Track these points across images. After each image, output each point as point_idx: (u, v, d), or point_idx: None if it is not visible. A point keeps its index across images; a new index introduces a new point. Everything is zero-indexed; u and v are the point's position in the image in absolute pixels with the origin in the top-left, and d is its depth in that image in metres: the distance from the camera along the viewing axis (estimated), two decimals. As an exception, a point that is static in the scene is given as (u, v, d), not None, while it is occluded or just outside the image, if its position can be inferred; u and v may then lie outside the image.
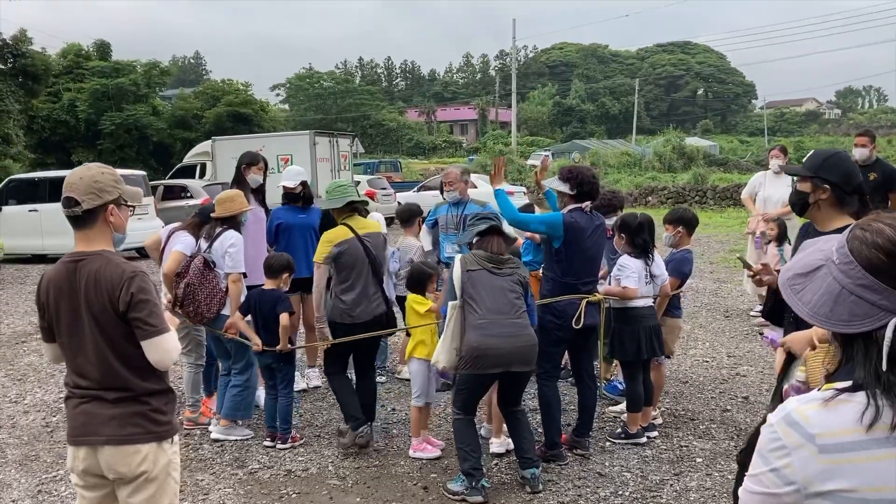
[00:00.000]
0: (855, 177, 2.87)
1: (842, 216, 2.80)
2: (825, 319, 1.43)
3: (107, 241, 2.78)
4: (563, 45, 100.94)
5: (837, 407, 1.35)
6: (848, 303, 1.40)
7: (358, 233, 4.95)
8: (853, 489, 1.33)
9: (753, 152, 50.56)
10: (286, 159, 19.62)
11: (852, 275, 1.40)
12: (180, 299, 5.24)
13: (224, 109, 32.97)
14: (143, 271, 2.77)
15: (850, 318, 1.40)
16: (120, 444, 2.69)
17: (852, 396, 1.35)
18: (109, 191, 2.73)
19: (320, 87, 72.55)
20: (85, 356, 2.74)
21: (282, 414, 5.24)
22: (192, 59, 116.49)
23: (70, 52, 33.57)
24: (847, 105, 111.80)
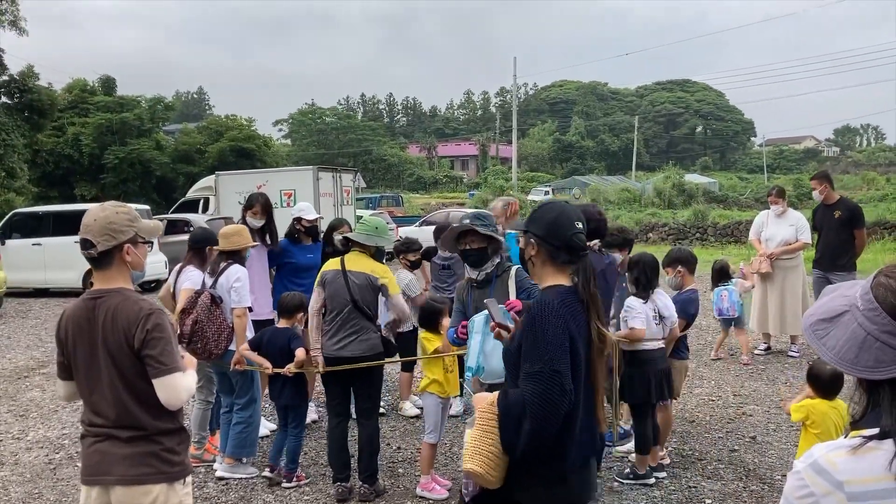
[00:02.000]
0: (563, 229, 2.52)
1: (555, 272, 2.53)
2: (851, 366, 1.43)
3: (125, 278, 2.82)
4: (562, 83, 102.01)
5: (865, 454, 1.35)
6: (874, 349, 1.40)
7: (345, 267, 4.85)
8: None
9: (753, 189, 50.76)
10: (289, 194, 19.74)
11: (878, 321, 1.40)
12: (188, 336, 5.22)
13: (227, 144, 33.24)
14: (161, 309, 2.78)
15: (875, 364, 1.39)
16: (131, 484, 2.68)
17: (880, 444, 1.35)
18: (124, 230, 2.76)
19: (322, 123, 73.11)
20: (101, 394, 2.75)
21: (290, 453, 5.19)
22: (195, 94, 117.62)
23: (76, 87, 33.95)
24: (845, 143, 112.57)
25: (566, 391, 2.30)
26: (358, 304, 4.79)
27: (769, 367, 8.23)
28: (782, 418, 6.36)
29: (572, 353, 2.35)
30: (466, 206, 41.35)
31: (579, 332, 2.41)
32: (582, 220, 2.57)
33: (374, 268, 4.88)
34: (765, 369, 8.09)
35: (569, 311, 2.40)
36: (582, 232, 2.53)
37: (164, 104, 35.00)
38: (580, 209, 4.87)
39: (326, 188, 19.80)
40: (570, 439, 2.41)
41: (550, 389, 2.29)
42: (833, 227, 8.16)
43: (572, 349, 2.35)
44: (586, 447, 2.48)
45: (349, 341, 4.81)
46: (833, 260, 8.14)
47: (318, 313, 4.90)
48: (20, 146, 24.71)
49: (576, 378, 2.37)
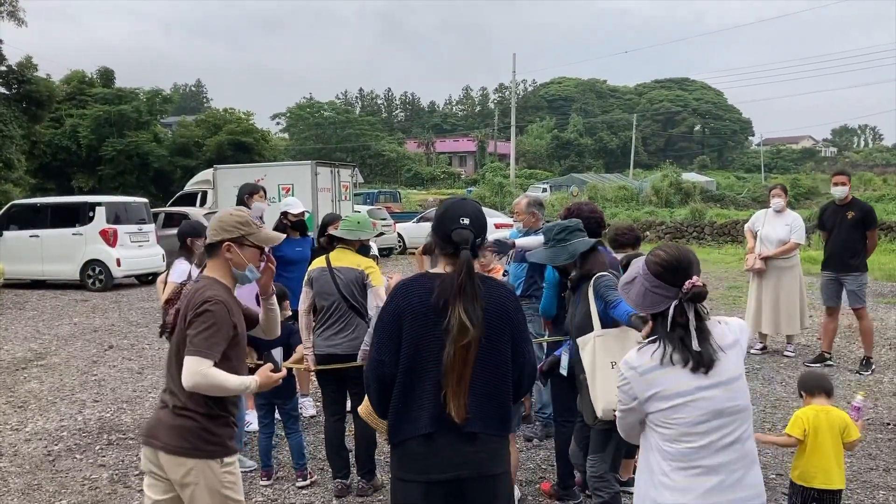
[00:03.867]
0: (447, 223, 2.66)
1: (445, 262, 2.66)
2: (640, 307, 2.54)
3: (224, 272, 3.08)
4: (561, 80, 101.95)
5: (645, 351, 2.47)
6: (650, 296, 2.48)
7: (331, 264, 4.86)
8: (660, 391, 2.41)
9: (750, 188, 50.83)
10: (287, 189, 19.71)
11: (649, 280, 2.48)
12: (170, 326, 5.22)
13: (225, 138, 33.18)
14: (224, 302, 2.94)
15: (651, 305, 2.49)
16: (170, 453, 2.90)
17: (652, 345, 2.47)
18: (230, 230, 3.05)
19: (320, 117, 73.07)
20: (168, 366, 3.06)
21: (296, 451, 5.18)
22: (193, 86, 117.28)
23: (74, 78, 33.88)
24: (843, 143, 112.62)
25: (375, 360, 2.63)
26: (347, 300, 4.80)
27: (765, 366, 8.27)
28: (777, 417, 6.41)
29: (399, 331, 2.60)
30: (464, 202, 41.30)
31: (413, 313, 2.59)
32: (472, 216, 2.67)
33: (360, 261, 4.90)
34: (760, 369, 8.13)
35: (404, 294, 2.63)
36: (466, 227, 2.63)
37: (162, 97, 34.94)
38: (576, 206, 4.89)
39: (324, 183, 19.79)
40: (396, 409, 2.63)
41: (370, 355, 2.70)
42: (845, 227, 7.99)
43: (399, 327, 2.59)
44: (420, 423, 2.58)
45: (340, 338, 4.82)
46: (845, 261, 7.99)
47: (307, 312, 4.91)
48: (18, 137, 24.67)
49: (402, 353, 2.59)
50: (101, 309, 13.16)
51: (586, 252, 4.10)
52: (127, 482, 5.25)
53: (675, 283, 2.42)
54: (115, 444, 6.07)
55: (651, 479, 2.49)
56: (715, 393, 2.39)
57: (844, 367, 8.22)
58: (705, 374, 2.38)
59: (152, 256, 16.28)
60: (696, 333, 2.39)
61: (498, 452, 2.68)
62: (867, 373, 7.86)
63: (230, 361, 2.97)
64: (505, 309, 2.70)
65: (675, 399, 2.39)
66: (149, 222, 16.55)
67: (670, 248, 2.51)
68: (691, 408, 2.38)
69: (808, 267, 15.80)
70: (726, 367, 2.42)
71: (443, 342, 2.54)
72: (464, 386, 2.55)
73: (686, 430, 2.38)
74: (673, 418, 2.39)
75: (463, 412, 2.54)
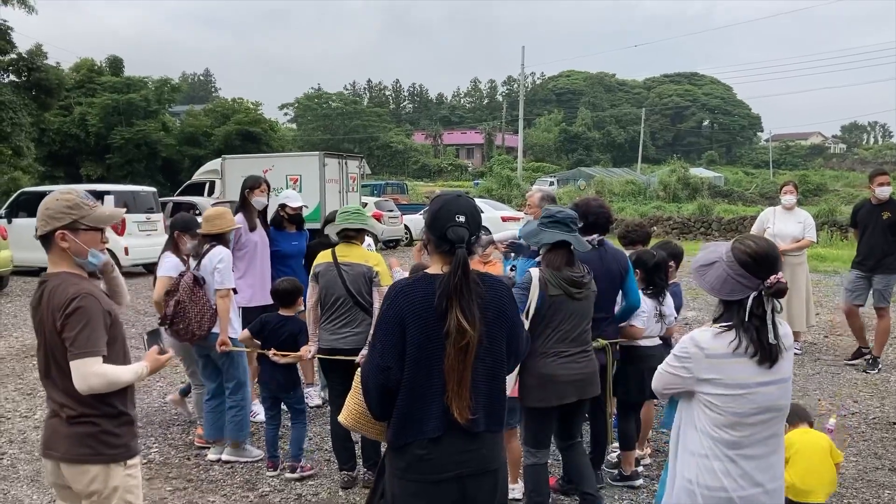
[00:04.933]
0: (442, 221, 2.62)
1: (439, 260, 2.65)
2: (717, 293, 2.56)
3: (68, 263, 2.85)
4: (570, 73, 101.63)
5: (720, 336, 2.53)
6: (730, 283, 2.52)
7: (337, 259, 4.86)
8: (721, 378, 2.49)
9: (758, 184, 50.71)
10: (295, 179, 19.73)
11: (733, 268, 2.51)
12: (170, 317, 5.23)
13: (233, 128, 33.25)
14: (91, 294, 2.78)
15: (730, 292, 2.53)
16: (71, 462, 2.81)
17: (728, 332, 2.52)
18: (59, 217, 2.80)
19: (328, 108, 73.10)
20: (47, 374, 2.87)
21: (295, 443, 5.20)
22: (201, 76, 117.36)
23: (83, 66, 33.95)
24: (852, 140, 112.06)
25: (379, 366, 2.57)
26: (353, 295, 4.79)
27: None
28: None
29: (402, 336, 2.54)
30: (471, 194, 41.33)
31: (416, 318, 2.55)
32: (468, 213, 2.63)
33: (368, 257, 4.89)
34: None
35: (406, 298, 2.57)
36: (461, 225, 2.60)
37: (170, 86, 35.00)
38: (584, 202, 4.89)
39: (332, 174, 19.81)
40: (401, 413, 2.59)
41: (369, 361, 2.64)
42: (880, 227, 7.92)
43: (403, 331, 2.54)
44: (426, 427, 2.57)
45: (345, 333, 4.82)
46: (878, 260, 7.92)
47: (315, 307, 4.90)
48: (27, 125, 24.72)
49: (405, 358, 2.55)
50: (109, 297, 13.20)
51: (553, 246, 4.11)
52: (135, 470, 5.28)
53: (759, 275, 2.48)
54: (123, 432, 6.11)
55: (695, 460, 2.57)
56: (771, 390, 2.51)
57: (851, 365, 8.20)
58: (769, 368, 2.48)
59: (160, 246, 16.18)
60: (772, 327, 2.48)
61: (497, 447, 2.72)
62: (874, 371, 7.84)
63: (113, 347, 2.84)
64: (503, 306, 2.71)
65: (735, 389, 2.48)
66: (157, 211, 16.59)
67: (759, 239, 2.56)
68: (747, 400, 2.48)
69: (814, 264, 15.79)
70: (785, 366, 2.55)
71: (445, 344, 2.54)
72: (465, 387, 2.55)
73: (737, 420, 2.49)
74: (728, 406, 2.49)
75: (466, 413, 2.55)
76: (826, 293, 13.11)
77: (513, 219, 23.34)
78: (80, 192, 2.90)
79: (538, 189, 5.86)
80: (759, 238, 2.58)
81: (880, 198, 8.06)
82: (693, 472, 2.58)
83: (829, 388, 7.33)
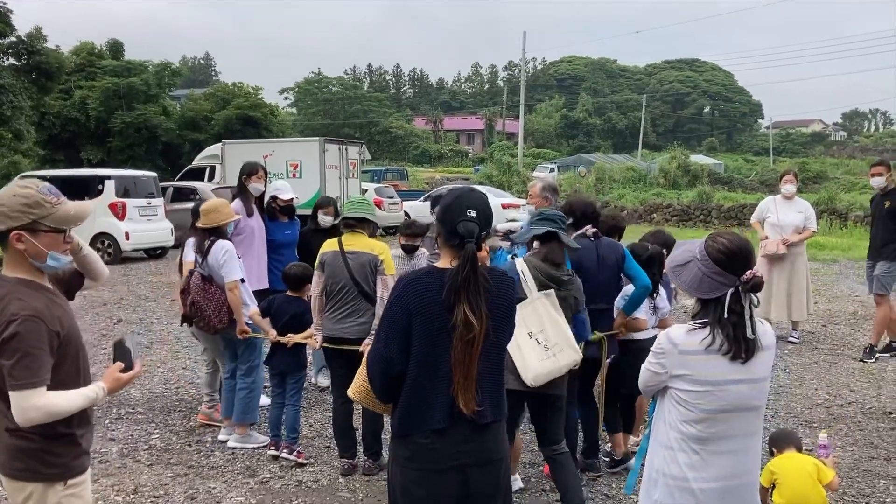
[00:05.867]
0: (453, 214, 2.63)
1: (449, 254, 2.67)
2: (695, 291, 2.56)
3: (23, 267, 2.57)
4: (571, 58, 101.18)
5: (693, 333, 2.53)
6: (706, 282, 2.51)
7: (343, 248, 4.88)
8: (691, 374, 2.50)
9: (758, 172, 50.65)
10: (295, 165, 19.73)
11: (708, 266, 2.50)
12: (189, 316, 5.42)
13: (234, 112, 33.10)
14: (34, 316, 2.48)
15: (707, 290, 2.52)
16: (8, 477, 2.63)
17: (702, 329, 2.52)
18: (15, 217, 2.49)
19: (328, 92, 72.82)
20: None
21: (290, 422, 5.27)
22: (202, 59, 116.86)
23: (83, 50, 33.76)
24: (853, 127, 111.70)
25: (382, 356, 2.62)
26: (358, 284, 4.82)
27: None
28: (780, 405, 6.46)
29: (409, 326, 2.57)
30: (471, 180, 41.34)
31: (423, 310, 2.57)
32: (479, 209, 2.65)
33: (373, 246, 4.92)
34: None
35: (414, 291, 2.59)
36: (472, 220, 2.61)
37: (171, 70, 34.85)
38: (569, 200, 4.91)
39: (332, 160, 19.80)
40: (407, 403, 2.63)
41: (374, 350, 2.69)
42: (882, 216, 8.10)
43: (409, 324, 2.57)
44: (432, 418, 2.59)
45: (349, 322, 4.86)
46: (878, 248, 8.06)
47: (320, 296, 4.94)
48: (27, 108, 24.64)
49: (411, 350, 2.58)
50: (110, 282, 13.23)
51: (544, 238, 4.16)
52: (136, 456, 5.34)
53: (735, 272, 2.48)
54: (124, 417, 6.16)
55: (662, 451, 2.62)
56: (742, 388, 2.50)
57: (848, 354, 8.25)
58: (743, 363, 2.48)
59: (161, 230, 16.36)
60: (749, 322, 2.49)
61: (501, 437, 2.76)
62: (871, 360, 7.89)
63: (63, 367, 2.58)
64: (510, 301, 2.77)
65: (705, 386, 2.49)
66: (158, 196, 16.61)
67: (730, 236, 2.56)
68: (716, 397, 2.49)
69: (813, 252, 15.81)
70: (759, 365, 2.54)
71: (451, 337, 2.57)
72: (471, 379, 2.59)
73: (705, 416, 2.50)
74: (697, 402, 2.50)
75: (472, 405, 2.58)
76: (824, 282, 13.14)
77: (513, 206, 23.31)
78: (41, 185, 2.56)
79: (540, 179, 5.89)
80: (732, 234, 2.57)
81: (876, 188, 8.19)
82: (660, 462, 2.62)
83: (826, 377, 7.37)
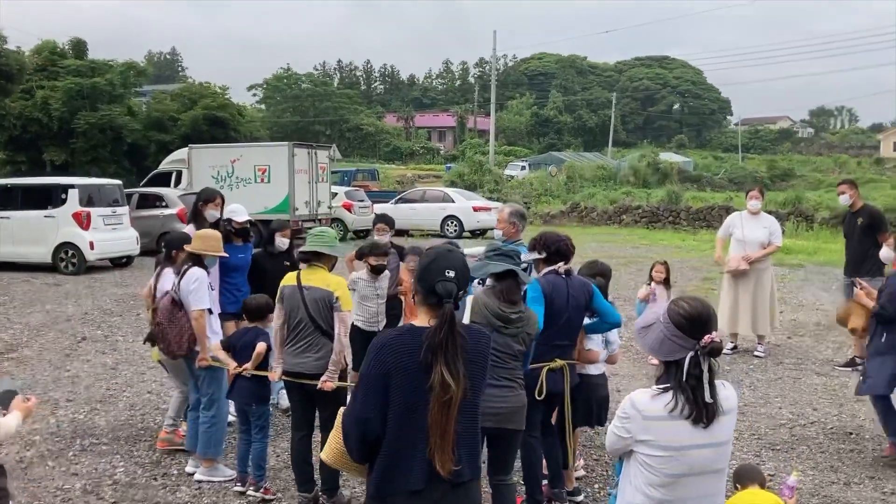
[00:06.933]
0: (432, 274, 2.66)
1: (426, 312, 2.69)
2: (657, 353, 2.65)
3: None
4: (542, 55, 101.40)
5: (657, 398, 2.57)
6: (667, 344, 2.58)
7: (301, 283, 4.85)
8: (655, 440, 2.53)
9: (727, 169, 51.29)
10: (263, 170, 19.57)
11: (669, 329, 2.57)
12: (155, 336, 5.46)
13: (201, 112, 32.65)
14: None
15: (668, 352, 2.59)
16: None
17: (665, 394, 2.57)
18: None
19: (298, 89, 72.26)
20: None
21: (256, 459, 5.21)
22: (168, 54, 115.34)
23: (44, 49, 33.04)
24: (819, 124, 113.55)
25: (359, 418, 2.61)
26: (314, 320, 4.79)
27: (735, 367, 8.40)
28: (744, 425, 6.53)
29: (386, 388, 2.57)
30: (443, 178, 41.29)
31: (401, 371, 2.57)
32: (458, 269, 2.68)
33: (330, 281, 4.87)
34: (730, 370, 8.26)
35: (392, 351, 2.59)
36: (450, 280, 2.64)
37: (136, 69, 34.35)
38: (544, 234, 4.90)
39: (301, 165, 19.68)
40: (384, 465, 2.63)
41: (350, 411, 2.69)
42: (856, 234, 8.37)
43: (387, 384, 2.57)
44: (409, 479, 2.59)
45: (306, 357, 4.84)
46: (856, 266, 8.27)
47: (281, 328, 4.91)
48: (-13, 110, 24.15)
49: (390, 411, 2.58)
50: (74, 295, 13.03)
51: (501, 276, 4.20)
52: (100, 493, 5.24)
53: (694, 335, 2.54)
54: (87, 450, 6.05)
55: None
56: (705, 452, 2.57)
57: (812, 369, 8.37)
58: (705, 428, 2.53)
59: (126, 239, 16.10)
60: (708, 386, 2.54)
61: (477, 494, 2.78)
62: (849, 370, 8.10)
63: None
64: (484, 358, 2.78)
65: (668, 451, 2.54)
66: (122, 204, 16.33)
67: (692, 301, 2.62)
68: (679, 462, 2.54)
69: (780, 257, 16.05)
70: (722, 429, 2.60)
71: (428, 398, 2.57)
72: (448, 440, 2.59)
73: (669, 480, 2.56)
74: (662, 467, 2.55)
75: (449, 466, 2.59)
76: (790, 289, 13.34)
77: (484, 209, 23.36)
78: None
79: (508, 205, 5.92)
80: (693, 299, 2.64)
81: (843, 204, 8.40)
82: None
83: (790, 394, 7.48)
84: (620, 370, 7.85)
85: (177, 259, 5.67)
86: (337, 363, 4.83)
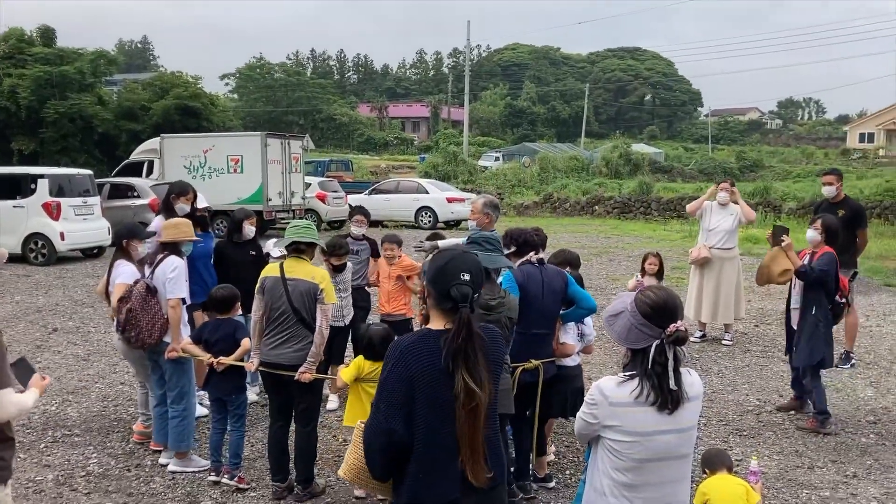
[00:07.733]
0: (447, 277, 2.62)
1: (440, 316, 2.65)
2: (624, 341, 2.69)
3: None
4: (515, 46, 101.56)
5: (623, 385, 2.63)
6: (634, 332, 2.64)
7: (284, 274, 4.85)
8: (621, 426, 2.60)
9: (697, 160, 51.78)
10: (236, 160, 19.46)
11: (636, 318, 2.63)
12: (122, 325, 5.32)
13: (172, 102, 32.37)
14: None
15: (635, 340, 2.65)
16: None
17: (632, 381, 2.63)
18: None
19: (271, 78, 71.70)
20: None
21: (232, 447, 5.24)
22: (139, 43, 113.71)
23: (11, 36, 32.49)
24: (788, 116, 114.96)
25: (382, 429, 2.51)
26: (298, 312, 4.80)
27: (703, 356, 8.55)
28: (712, 412, 6.67)
29: (411, 395, 2.50)
30: (417, 169, 41.27)
31: (426, 376, 2.51)
32: (472, 271, 2.62)
33: (314, 273, 4.88)
34: (699, 358, 8.40)
35: (415, 356, 2.52)
36: (466, 283, 2.58)
37: (106, 58, 33.86)
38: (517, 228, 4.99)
39: (275, 155, 19.60)
40: (417, 476, 2.55)
41: (372, 423, 2.58)
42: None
43: (411, 391, 2.50)
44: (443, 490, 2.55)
45: (286, 348, 4.85)
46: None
47: (261, 320, 4.91)
48: (-48, 99, 23.71)
49: (416, 421, 2.51)
50: (45, 286, 12.90)
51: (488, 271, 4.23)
52: (73, 484, 5.24)
53: (660, 324, 2.60)
54: (59, 441, 6.03)
55: (596, 497, 2.74)
56: (670, 438, 2.63)
57: (778, 356, 8.52)
58: (670, 414, 2.60)
59: (98, 230, 15.93)
60: (673, 374, 2.60)
61: (505, 493, 2.83)
62: (846, 366, 8.03)
63: None
64: (501, 358, 2.82)
65: (634, 437, 2.60)
66: (93, 194, 16.15)
67: (659, 290, 2.70)
68: (645, 447, 2.61)
69: (748, 247, 16.30)
70: (687, 415, 2.66)
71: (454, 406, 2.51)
72: (478, 450, 2.54)
73: (635, 465, 2.63)
74: (628, 452, 2.62)
75: (483, 476, 2.54)
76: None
77: (458, 200, 23.41)
78: None
79: (482, 196, 5.98)
80: (660, 289, 2.72)
81: (827, 197, 8.30)
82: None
83: (757, 381, 7.64)
84: (592, 359, 7.96)
85: (128, 249, 5.63)
86: (316, 355, 4.86)
